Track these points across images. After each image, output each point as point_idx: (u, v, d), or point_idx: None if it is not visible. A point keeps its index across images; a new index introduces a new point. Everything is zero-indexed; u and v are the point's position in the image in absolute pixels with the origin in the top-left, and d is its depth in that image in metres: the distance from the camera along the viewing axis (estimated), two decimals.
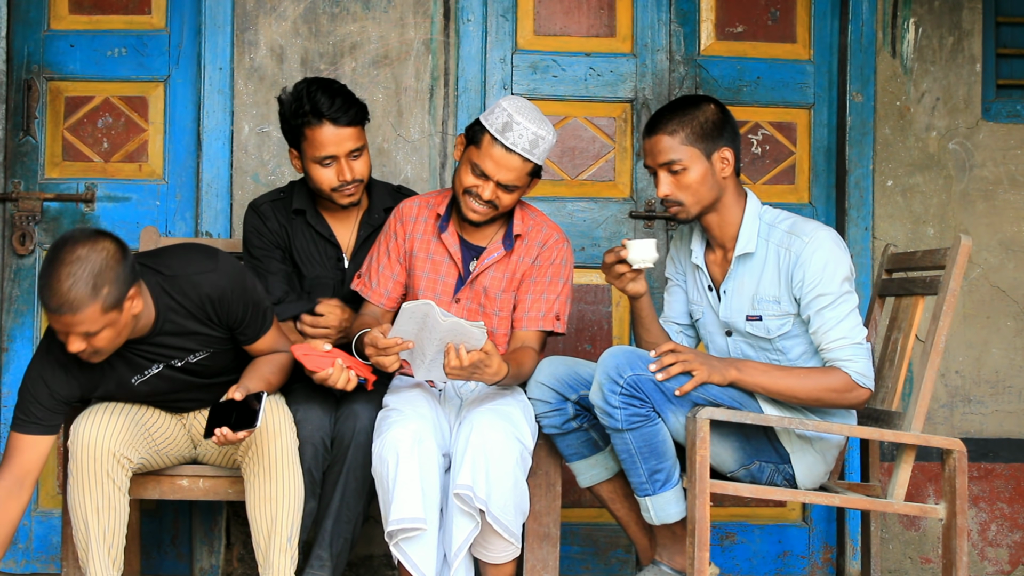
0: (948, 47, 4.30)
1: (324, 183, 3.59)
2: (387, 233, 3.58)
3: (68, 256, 2.87)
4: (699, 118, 3.31)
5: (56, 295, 2.86)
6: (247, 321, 3.23)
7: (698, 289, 3.49)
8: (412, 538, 3.23)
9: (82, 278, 2.86)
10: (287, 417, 3.27)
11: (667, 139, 3.30)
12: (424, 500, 3.21)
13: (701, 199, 3.33)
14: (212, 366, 3.27)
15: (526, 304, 3.52)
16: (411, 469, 3.20)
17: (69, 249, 2.88)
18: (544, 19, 4.31)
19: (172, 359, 3.20)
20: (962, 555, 3.24)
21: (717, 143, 3.31)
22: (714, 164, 3.32)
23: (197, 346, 3.21)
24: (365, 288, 3.56)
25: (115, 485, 3.16)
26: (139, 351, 3.16)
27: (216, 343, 3.23)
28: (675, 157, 3.30)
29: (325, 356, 3.26)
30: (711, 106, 3.34)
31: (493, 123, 3.37)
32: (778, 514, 4.34)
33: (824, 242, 3.27)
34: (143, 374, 3.20)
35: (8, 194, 4.12)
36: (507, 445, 3.24)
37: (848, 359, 3.24)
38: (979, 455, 4.25)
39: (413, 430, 3.24)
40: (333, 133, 3.53)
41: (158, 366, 3.20)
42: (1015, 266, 4.31)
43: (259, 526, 3.21)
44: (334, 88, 3.56)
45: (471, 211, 3.43)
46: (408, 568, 3.25)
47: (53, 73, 4.18)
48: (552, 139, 3.40)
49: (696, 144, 3.29)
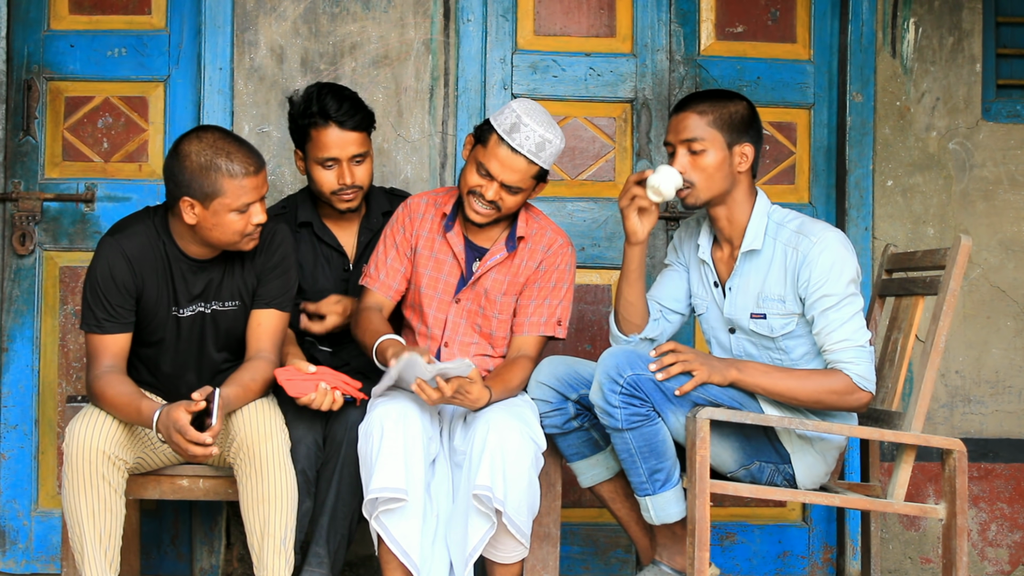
0: (948, 47, 4.30)
1: (325, 185, 3.62)
2: (394, 226, 3.58)
3: (224, 134, 3.22)
4: (730, 108, 3.34)
5: (251, 152, 3.21)
6: (274, 276, 3.36)
7: (703, 284, 3.49)
8: (393, 511, 3.20)
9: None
10: (278, 418, 3.27)
11: (695, 117, 3.33)
12: (407, 473, 3.18)
13: (712, 185, 3.33)
14: (227, 327, 3.35)
15: (528, 309, 3.52)
16: (395, 441, 3.19)
17: (219, 131, 3.23)
18: (544, 19, 4.31)
19: (210, 300, 3.32)
20: (962, 555, 3.24)
21: (741, 137, 3.33)
22: (733, 155, 3.33)
23: (232, 293, 3.34)
24: (372, 280, 3.56)
25: (111, 487, 3.16)
26: (199, 276, 3.32)
27: (246, 295, 3.36)
28: (698, 135, 3.32)
29: (308, 379, 3.26)
30: (744, 102, 3.38)
31: (501, 123, 3.37)
32: (778, 514, 4.34)
33: (832, 243, 3.28)
34: (181, 309, 3.31)
35: (8, 194, 4.12)
36: (523, 445, 3.24)
37: (850, 361, 3.24)
38: (979, 455, 4.24)
39: (398, 407, 3.24)
40: (337, 136, 3.58)
41: (199, 305, 3.32)
42: (1015, 266, 4.30)
43: (252, 528, 3.21)
44: (344, 93, 3.64)
45: (474, 212, 3.43)
46: (388, 543, 3.20)
47: (53, 73, 4.18)
48: (560, 143, 3.41)
49: (721, 130, 3.32)
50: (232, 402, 3.20)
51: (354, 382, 3.34)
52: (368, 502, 3.21)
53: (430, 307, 3.53)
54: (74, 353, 4.14)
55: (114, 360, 3.26)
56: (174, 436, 3.04)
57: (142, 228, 3.31)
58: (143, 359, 3.38)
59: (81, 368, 4.12)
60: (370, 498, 3.19)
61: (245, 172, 3.18)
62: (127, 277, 3.26)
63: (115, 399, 3.16)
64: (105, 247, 3.28)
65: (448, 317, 3.53)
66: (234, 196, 3.18)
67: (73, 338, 4.15)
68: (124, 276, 3.26)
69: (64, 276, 4.16)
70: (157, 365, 3.38)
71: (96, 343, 3.27)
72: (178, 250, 3.31)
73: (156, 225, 3.31)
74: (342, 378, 3.33)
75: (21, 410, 4.15)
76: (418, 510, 3.21)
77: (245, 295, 3.37)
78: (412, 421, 3.23)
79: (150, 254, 3.29)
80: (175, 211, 3.26)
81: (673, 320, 3.55)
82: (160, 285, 3.30)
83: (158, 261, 3.29)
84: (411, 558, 3.20)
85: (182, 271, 3.31)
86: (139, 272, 3.27)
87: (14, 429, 4.14)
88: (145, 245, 3.29)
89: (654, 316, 3.51)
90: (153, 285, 3.29)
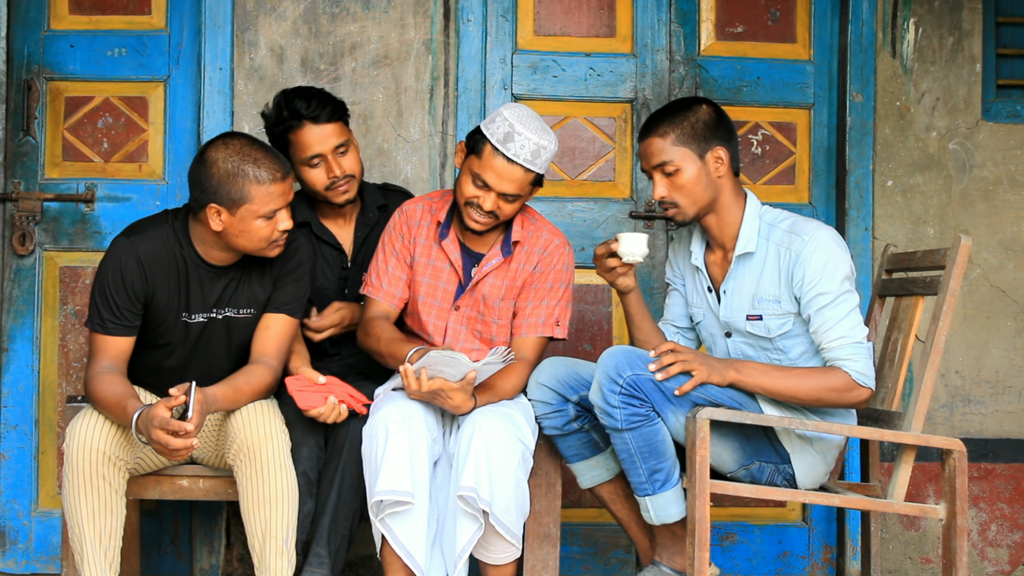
0: (948, 47, 4.30)
1: (317, 183, 3.64)
2: (392, 233, 3.57)
3: (250, 141, 3.25)
4: (690, 119, 3.32)
5: (277, 158, 3.24)
6: (289, 282, 3.37)
7: (697, 291, 3.49)
8: (399, 513, 3.20)
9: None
10: (278, 419, 3.27)
11: (659, 141, 3.31)
12: (413, 475, 3.18)
13: (696, 200, 3.33)
14: (239, 334, 3.36)
15: (527, 310, 3.51)
16: (400, 443, 3.19)
17: (245, 138, 3.25)
18: (544, 19, 4.31)
19: (224, 307, 3.33)
20: (962, 555, 3.24)
21: (710, 143, 3.32)
22: (708, 164, 3.32)
23: (248, 301, 3.35)
24: (375, 290, 3.55)
25: (111, 488, 3.16)
26: (216, 282, 3.33)
27: (259, 305, 3.37)
28: (667, 158, 3.31)
29: (318, 391, 3.27)
30: (703, 107, 3.35)
31: (494, 133, 3.35)
32: (778, 514, 4.34)
33: (824, 241, 3.27)
34: (191, 316, 3.32)
35: (8, 194, 4.12)
36: (509, 446, 3.23)
37: (848, 358, 3.24)
38: (979, 455, 4.24)
39: (403, 408, 3.24)
40: (315, 132, 3.60)
41: (213, 311, 3.33)
42: (1015, 266, 4.31)
43: (254, 528, 3.21)
44: (310, 91, 3.66)
45: (473, 222, 3.42)
46: (393, 545, 3.20)
47: (53, 73, 4.18)
48: (554, 148, 3.39)
49: (688, 144, 3.30)
50: (219, 401, 3.19)
51: (360, 395, 3.35)
52: (373, 504, 3.21)
53: (429, 315, 3.53)
54: (74, 353, 4.15)
55: (113, 361, 3.26)
56: (154, 432, 3.01)
57: (159, 233, 3.30)
58: (149, 361, 3.38)
59: (81, 368, 4.12)
60: (375, 500, 3.19)
61: (272, 179, 3.19)
62: (137, 280, 3.26)
63: (105, 399, 3.16)
64: (119, 247, 3.28)
65: (448, 324, 3.53)
66: (261, 203, 3.18)
67: (73, 338, 4.15)
68: (134, 279, 3.26)
69: (64, 276, 4.16)
70: (163, 369, 3.38)
71: (98, 342, 3.27)
72: (197, 256, 3.30)
73: (176, 230, 3.31)
74: (348, 390, 3.33)
75: (21, 410, 4.15)
76: (423, 513, 3.22)
77: (260, 302, 3.37)
78: (417, 423, 3.23)
79: (165, 259, 3.28)
80: (199, 217, 3.25)
81: (690, 337, 3.58)
82: (172, 291, 3.30)
83: (172, 267, 3.29)
84: (416, 561, 3.20)
85: (200, 277, 3.31)
86: (151, 277, 3.27)
87: (14, 429, 4.14)
88: (160, 250, 3.28)
89: (671, 338, 3.52)
90: (165, 291, 3.29)
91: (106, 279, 3.26)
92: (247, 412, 3.24)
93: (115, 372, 3.24)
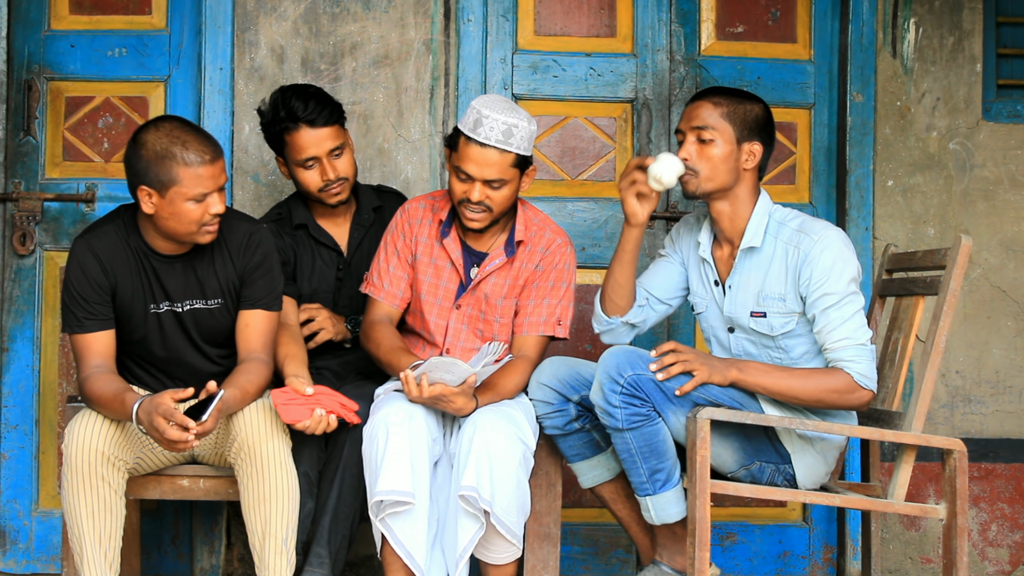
0: (948, 47, 4.30)
1: (311, 185, 3.65)
2: (394, 232, 3.57)
3: (181, 123, 3.24)
4: (746, 106, 3.36)
5: (208, 141, 3.21)
6: (258, 276, 3.35)
7: (703, 283, 3.49)
8: (400, 513, 3.20)
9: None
10: (278, 418, 3.26)
11: (709, 107, 3.35)
12: (414, 475, 3.19)
13: (715, 177, 3.34)
14: (209, 325, 3.34)
15: (528, 308, 3.51)
16: (401, 443, 3.19)
17: (177, 121, 3.24)
18: (544, 19, 4.31)
19: (186, 299, 3.32)
20: (962, 555, 3.24)
21: (752, 136, 3.35)
22: (741, 151, 3.34)
23: (212, 291, 3.33)
24: (377, 290, 3.55)
25: (111, 488, 3.15)
26: (171, 272, 3.31)
27: (229, 294, 3.34)
28: (709, 124, 3.33)
29: (305, 404, 3.24)
30: (760, 104, 3.40)
31: (465, 123, 3.39)
32: (778, 514, 4.34)
33: (833, 242, 3.28)
34: (159, 306, 3.31)
35: (8, 194, 4.12)
36: (510, 446, 3.23)
37: (851, 360, 3.24)
38: (979, 455, 4.24)
39: (403, 408, 3.24)
40: (311, 135, 3.60)
41: (177, 303, 3.32)
42: (1015, 266, 4.30)
43: (254, 528, 3.20)
44: (308, 92, 3.65)
45: (469, 220, 3.43)
46: (393, 546, 3.20)
47: (53, 73, 4.18)
48: (528, 125, 3.38)
49: (732, 124, 3.33)
50: (230, 405, 3.20)
51: (351, 403, 3.32)
52: (374, 504, 3.21)
53: (431, 313, 3.53)
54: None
55: (101, 359, 3.27)
56: (155, 419, 3.00)
57: (112, 227, 3.32)
58: (132, 359, 3.39)
59: None
60: (376, 500, 3.19)
61: (201, 161, 3.19)
62: (99, 275, 3.28)
63: (101, 396, 3.16)
64: (76, 248, 3.31)
65: (449, 323, 3.53)
66: (190, 185, 3.18)
67: None
68: (96, 274, 3.27)
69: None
70: (148, 363, 3.39)
71: (81, 344, 3.28)
72: (146, 245, 3.31)
73: (126, 222, 3.33)
74: (339, 399, 3.30)
75: (21, 410, 4.15)
76: (424, 513, 3.22)
77: (229, 293, 3.36)
78: (417, 423, 3.23)
79: (121, 252, 3.30)
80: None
81: (659, 310, 3.54)
82: (134, 282, 3.31)
83: (129, 259, 3.31)
84: (416, 561, 3.20)
85: (154, 268, 3.32)
86: (111, 269, 3.29)
87: (14, 429, 4.14)
88: (115, 243, 3.30)
89: (639, 302, 3.50)
90: (127, 283, 3.30)
91: (70, 280, 3.28)
92: (248, 411, 3.24)
93: (106, 371, 3.25)
